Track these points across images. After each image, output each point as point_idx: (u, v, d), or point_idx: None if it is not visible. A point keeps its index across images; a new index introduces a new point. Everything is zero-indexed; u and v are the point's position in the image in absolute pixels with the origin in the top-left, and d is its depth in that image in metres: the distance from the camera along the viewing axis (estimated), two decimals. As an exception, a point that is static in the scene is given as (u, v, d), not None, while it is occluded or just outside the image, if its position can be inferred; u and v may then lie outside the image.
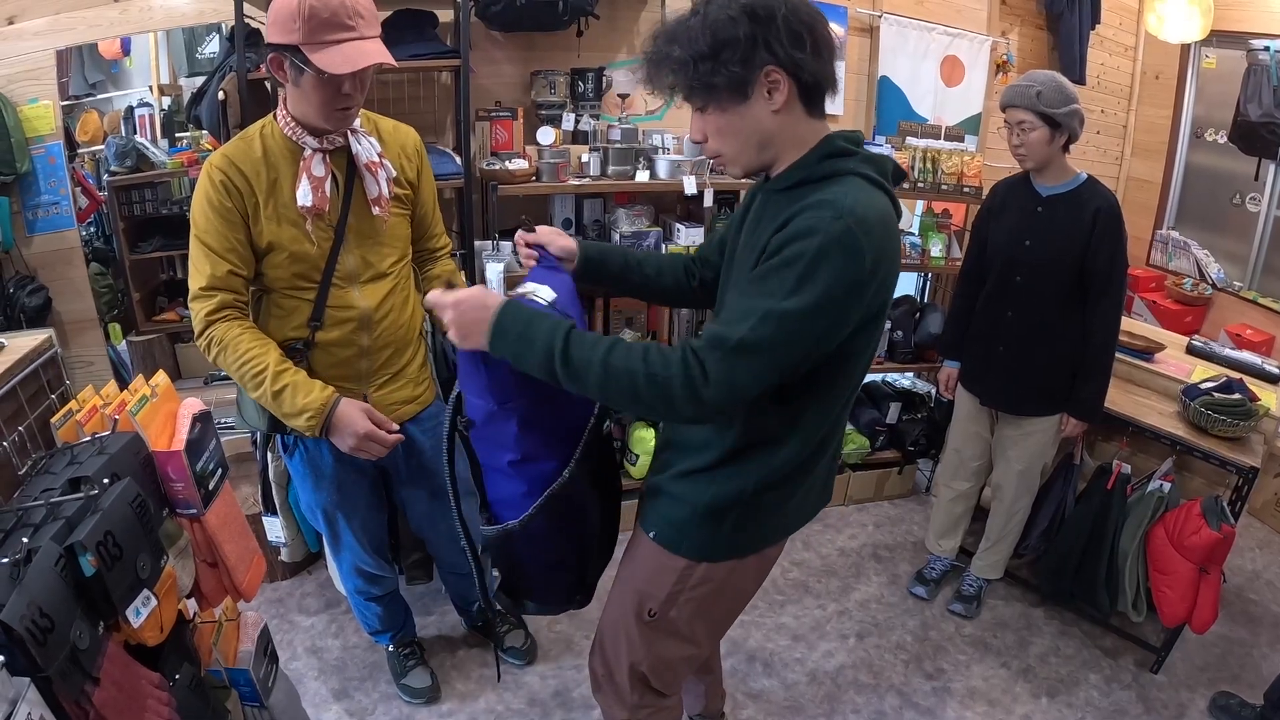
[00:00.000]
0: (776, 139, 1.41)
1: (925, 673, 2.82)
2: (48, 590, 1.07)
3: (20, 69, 3.04)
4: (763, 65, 1.32)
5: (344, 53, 1.70)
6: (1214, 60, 4.91)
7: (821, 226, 1.27)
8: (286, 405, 1.80)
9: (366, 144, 1.91)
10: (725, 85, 1.33)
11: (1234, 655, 2.94)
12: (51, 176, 3.13)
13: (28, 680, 1.04)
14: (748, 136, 1.40)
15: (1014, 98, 2.53)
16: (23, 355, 1.49)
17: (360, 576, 2.41)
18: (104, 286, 3.37)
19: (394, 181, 1.98)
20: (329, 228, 1.91)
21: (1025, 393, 2.78)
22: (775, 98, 1.35)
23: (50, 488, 1.27)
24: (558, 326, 1.36)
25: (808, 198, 1.34)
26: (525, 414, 1.48)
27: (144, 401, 1.39)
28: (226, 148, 1.87)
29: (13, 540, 1.17)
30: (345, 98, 1.77)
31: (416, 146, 2.10)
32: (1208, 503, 2.59)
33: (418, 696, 2.59)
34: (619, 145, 3.19)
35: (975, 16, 4.09)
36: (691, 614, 1.70)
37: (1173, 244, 5.24)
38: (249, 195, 1.84)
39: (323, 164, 1.86)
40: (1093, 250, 2.54)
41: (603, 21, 3.31)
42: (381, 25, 2.95)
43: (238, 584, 1.51)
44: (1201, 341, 3.28)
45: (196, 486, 1.40)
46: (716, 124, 1.40)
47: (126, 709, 1.18)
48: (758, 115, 1.37)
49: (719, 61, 1.31)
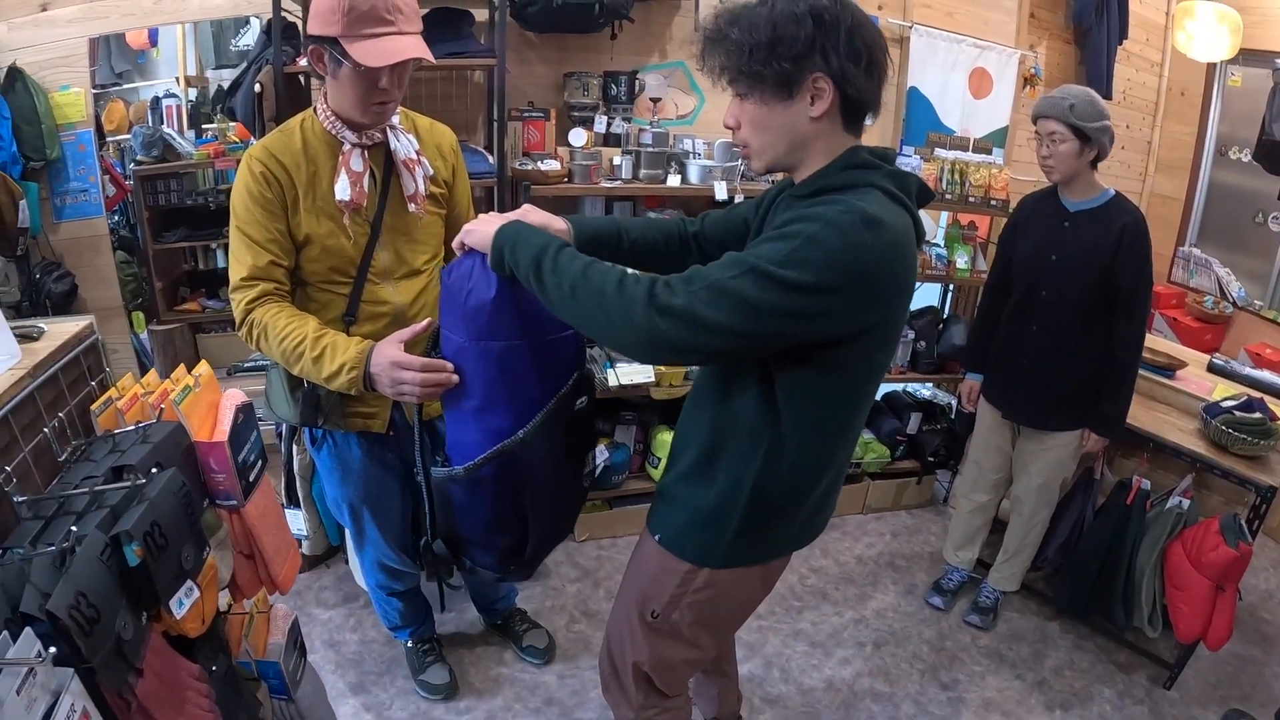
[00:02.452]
0: (808, 144, 1.41)
1: (940, 683, 2.81)
2: (94, 580, 1.07)
3: (52, 55, 3.06)
4: (813, 70, 1.32)
5: (381, 46, 1.70)
6: (1240, 78, 4.90)
7: (827, 214, 1.28)
8: (327, 367, 1.75)
9: (405, 141, 1.92)
10: (772, 79, 1.34)
11: (1247, 674, 2.93)
12: (81, 164, 3.14)
13: (71, 671, 1.04)
14: (780, 134, 1.40)
15: (1046, 108, 2.53)
16: (64, 341, 1.49)
17: (383, 571, 2.41)
18: (128, 275, 3.38)
19: (430, 180, 1.98)
20: (365, 223, 1.92)
21: (1048, 407, 2.77)
22: (817, 104, 1.35)
23: (92, 475, 1.27)
24: (555, 240, 1.41)
25: (822, 204, 1.35)
26: (494, 359, 1.50)
27: (187, 391, 1.39)
28: (266, 140, 1.88)
29: (56, 527, 1.17)
30: (382, 92, 1.77)
31: (453, 146, 2.10)
32: (1226, 520, 2.59)
33: (435, 693, 2.59)
34: (650, 149, 3.19)
35: (1004, 29, 4.08)
36: (694, 618, 1.70)
37: (1194, 261, 5.23)
38: (289, 187, 1.85)
39: (361, 159, 1.87)
40: (1118, 266, 2.53)
41: (636, 25, 3.32)
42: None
43: (274, 576, 1.51)
44: (1222, 360, 3.28)
45: (238, 477, 1.40)
46: (753, 114, 1.40)
47: (168, 700, 1.18)
48: (795, 116, 1.37)
49: (773, 55, 1.31)
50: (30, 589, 1.01)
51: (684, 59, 3.57)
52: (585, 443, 1.80)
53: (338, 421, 2.03)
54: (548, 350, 1.55)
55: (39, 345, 1.47)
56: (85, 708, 1.03)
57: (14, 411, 1.29)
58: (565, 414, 1.61)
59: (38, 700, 0.96)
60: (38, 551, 1.07)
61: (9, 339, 1.40)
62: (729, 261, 1.30)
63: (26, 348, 1.44)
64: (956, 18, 3.97)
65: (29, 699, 0.94)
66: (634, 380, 3.26)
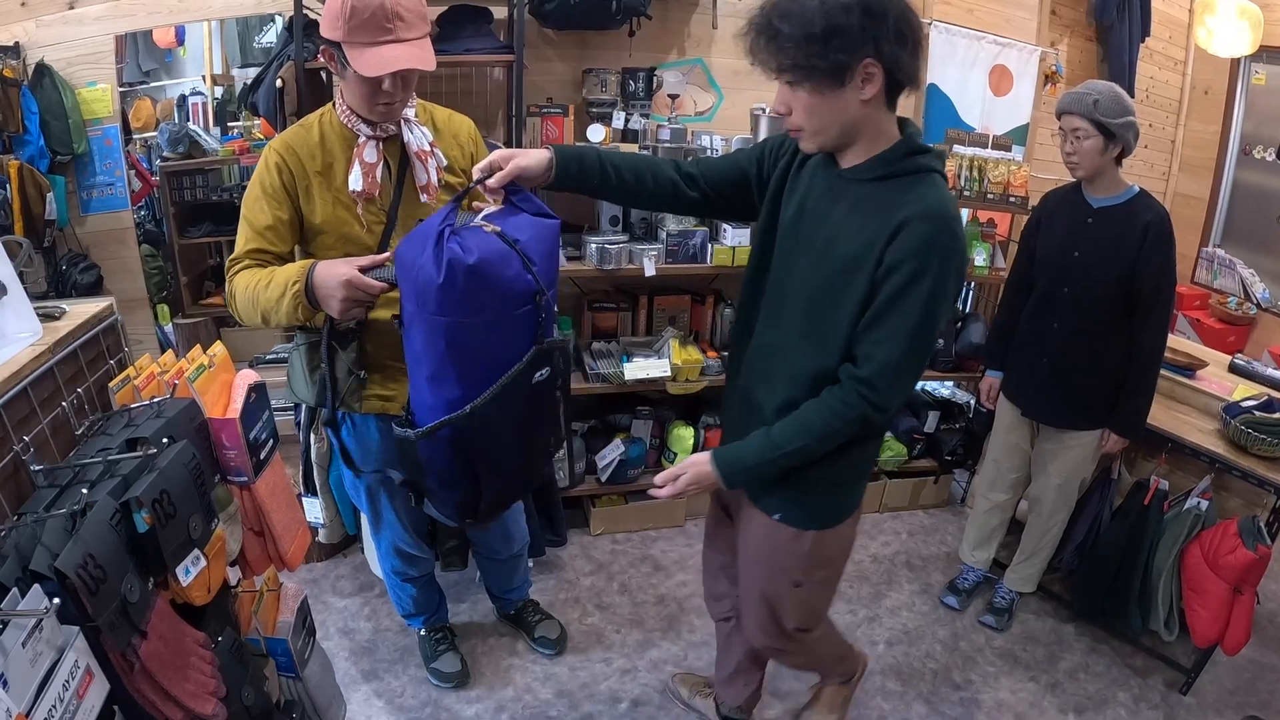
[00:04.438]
0: (859, 126, 1.52)
1: (953, 683, 2.79)
2: (102, 542, 1.10)
3: (80, 52, 3.12)
4: (864, 57, 1.41)
5: (379, 55, 1.75)
6: (1264, 76, 4.84)
7: (934, 247, 1.47)
8: (275, 289, 1.75)
9: (419, 133, 1.96)
10: (826, 69, 1.42)
11: (1264, 681, 2.89)
12: (107, 158, 3.21)
13: (76, 629, 1.07)
14: (833, 119, 1.50)
15: (1070, 104, 2.50)
16: (84, 320, 1.53)
17: (398, 556, 2.44)
18: (154, 268, 3.44)
19: (445, 170, 2.02)
20: (380, 212, 1.97)
21: (1068, 406, 2.75)
22: (867, 89, 1.45)
23: (107, 447, 1.31)
24: (762, 446, 1.66)
25: (904, 198, 1.50)
26: (442, 333, 1.53)
27: (201, 370, 1.43)
28: (286, 133, 1.96)
29: (70, 495, 1.20)
30: (386, 94, 1.82)
31: (471, 135, 2.13)
32: (1245, 523, 2.55)
33: (447, 681, 2.61)
34: (668, 145, 3.20)
35: (1025, 26, 4.06)
36: (827, 571, 1.96)
37: (1218, 262, 5.17)
38: (301, 177, 1.91)
39: (375, 151, 1.92)
40: (1142, 265, 2.51)
41: (654, 22, 3.34)
42: (438, 19, 2.99)
43: (283, 553, 1.53)
44: (1244, 360, 3.23)
45: (249, 454, 1.43)
46: (806, 102, 1.48)
47: (171, 664, 1.20)
48: (848, 102, 1.47)
49: (827, 46, 1.39)
50: (41, 549, 1.04)
51: (702, 56, 3.58)
52: (550, 410, 1.80)
53: (354, 404, 2.06)
54: (497, 329, 1.57)
55: (60, 324, 1.51)
56: (89, 665, 1.06)
57: (34, 385, 1.33)
58: (523, 387, 1.63)
59: (43, 655, 0.98)
60: (50, 514, 1.11)
61: (31, 317, 1.44)
62: (888, 335, 1.54)
63: (48, 326, 1.48)
64: (977, 15, 3.96)
65: (34, 653, 0.97)
66: (649, 375, 3.27)
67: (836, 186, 1.60)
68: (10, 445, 1.24)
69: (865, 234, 1.52)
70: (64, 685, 1.02)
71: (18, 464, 1.25)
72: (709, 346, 3.57)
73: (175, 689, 1.17)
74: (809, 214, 1.65)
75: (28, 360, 1.33)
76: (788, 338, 1.70)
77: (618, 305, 3.59)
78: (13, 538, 1.09)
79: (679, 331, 3.53)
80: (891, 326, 1.51)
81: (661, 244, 3.23)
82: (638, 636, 2.91)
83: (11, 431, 1.25)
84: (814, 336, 1.64)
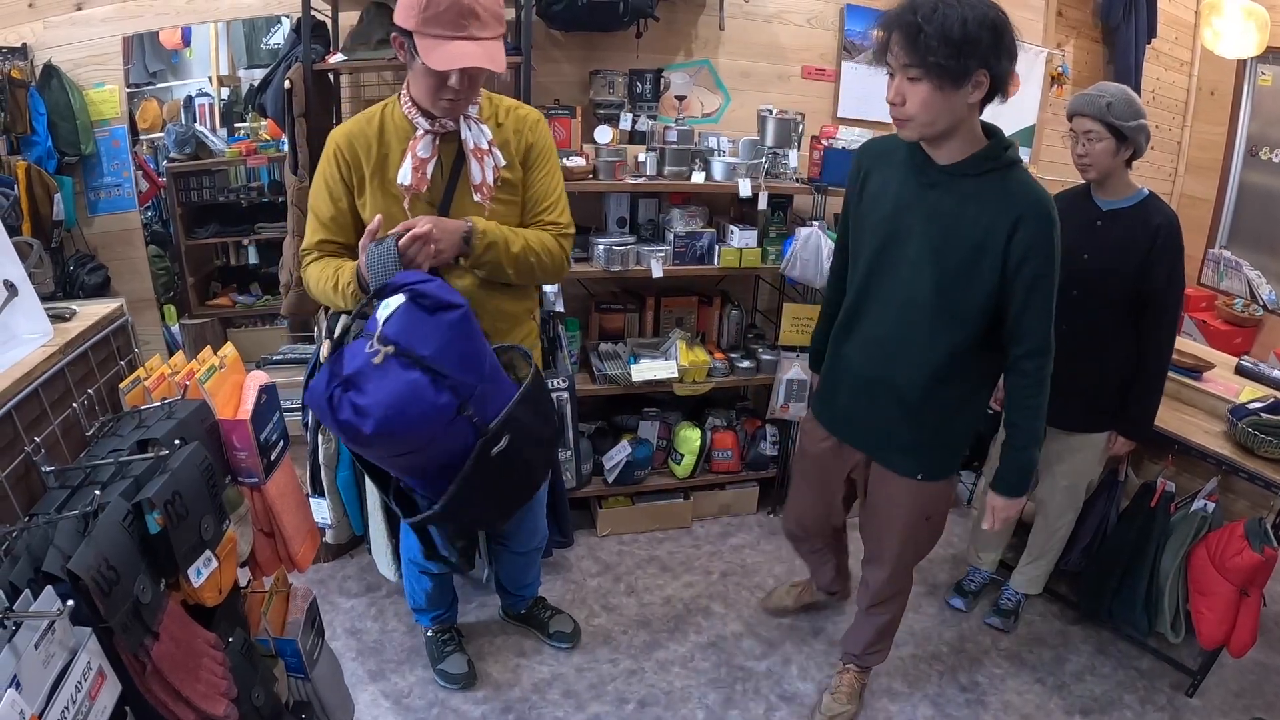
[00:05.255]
0: (960, 123, 1.80)
1: (960, 684, 2.79)
2: (114, 544, 1.10)
3: (87, 54, 3.14)
4: (981, 67, 1.69)
5: (448, 50, 1.75)
6: (1270, 78, 4.84)
7: (1053, 232, 1.85)
8: (339, 292, 1.91)
9: (477, 131, 1.95)
10: (953, 71, 1.68)
11: (1270, 683, 2.88)
12: (115, 159, 3.22)
13: (89, 630, 1.07)
14: (943, 113, 1.75)
15: (1083, 106, 2.49)
16: (95, 321, 1.52)
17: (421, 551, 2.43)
18: (160, 269, 3.45)
19: (504, 168, 2.01)
20: (430, 207, 1.97)
21: (1075, 408, 2.72)
22: (975, 94, 1.74)
23: (118, 449, 1.31)
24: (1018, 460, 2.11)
25: (1007, 192, 1.83)
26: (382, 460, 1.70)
27: (212, 371, 1.43)
28: (348, 122, 2.01)
29: (81, 496, 1.20)
30: (451, 90, 1.82)
31: (531, 124, 2.08)
32: (1251, 524, 2.54)
33: (454, 682, 2.61)
34: (675, 146, 3.20)
35: (1031, 28, 4.06)
36: (944, 511, 2.37)
37: (1224, 263, 5.16)
38: (356, 168, 1.95)
39: (430, 147, 1.93)
40: (1151, 267, 2.50)
41: (662, 24, 3.34)
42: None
43: (293, 554, 1.54)
44: (1251, 362, 3.23)
45: (259, 456, 1.43)
46: (924, 95, 1.73)
47: (183, 665, 1.20)
48: (958, 101, 1.74)
49: (960, 52, 1.65)
50: (54, 550, 1.04)
51: (709, 57, 3.58)
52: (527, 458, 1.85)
53: None
54: (434, 446, 1.62)
55: (70, 325, 1.51)
56: (101, 666, 1.06)
57: (45, 386, 1.33)
58: (485, 465, 1.67)
59: (55, 656, 0.99)
60: (62, 516, 1.11)
61: (42, 318, 1.44)
62: (1043, 314, 1.93)
63: (59, 327, 1.48)
64: (983, 16, 3.95)
65: (47, 654, 0.97)
66: (657, 376, 3.27)
67: (940, 182, 1.88)
68: (21, 446, 1.24)
69: (984, 222, 1.84)
70: (76, 686, 1.02)
71: (29, 465, 1.25)
72: (716, 348, 3.58)
73: (187, 690, 1.18)
74: (910, 209, 1.94)
75: (39, 361, 1.33)
76: (916, 320, 1.99)
77: (625, 306, 3.59)
78: (24, 539, 1.09)
79: (686, 333, 3.54)
80: (1038, 305, 1.89)
81: (669, 245, 3.23)
82: (644, 637, 2.91)
83: (23, 433, 1.25)
84: (946, 314, 1.95)
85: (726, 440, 3.58)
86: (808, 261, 3.13)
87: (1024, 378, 2.00)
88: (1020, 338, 1.95)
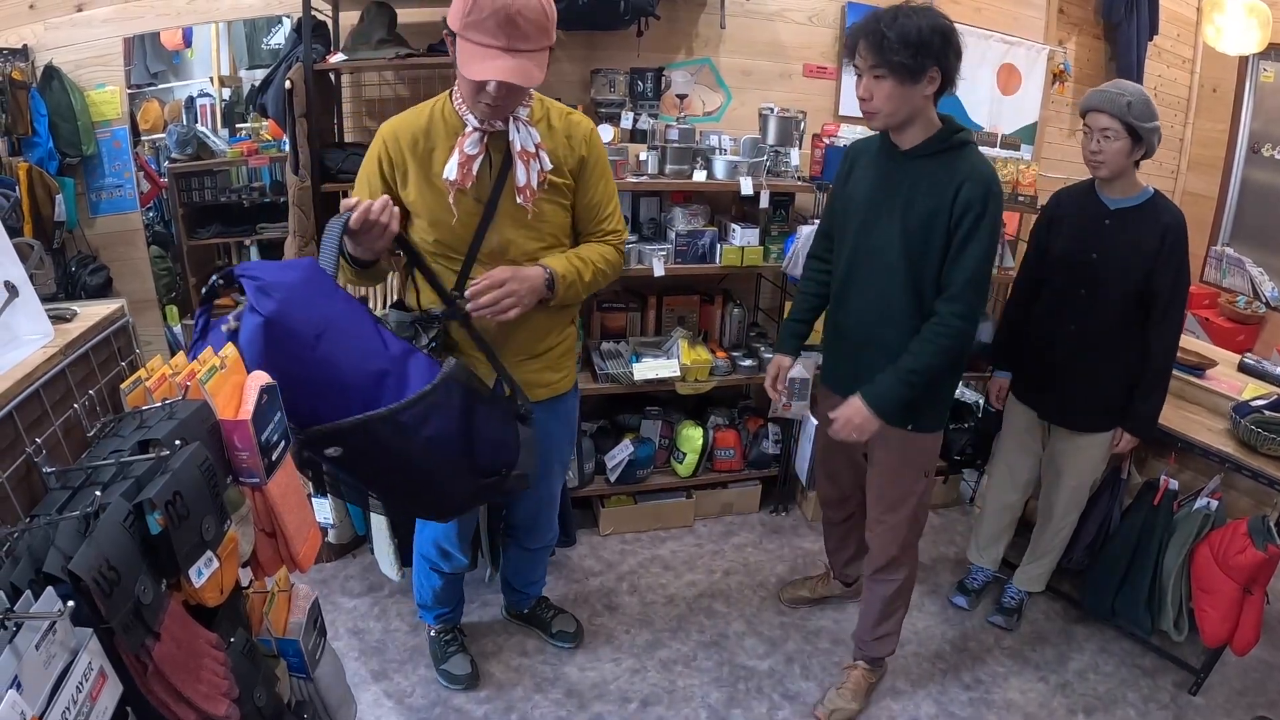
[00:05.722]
0: (918, 113, 2.11)
1: (963, 683, 2.79)
2: (115, 544, 1.09)
3: (88, 55, 3.14)
4: (933, 65, 2.02)
5: (482, 60, 1.75)
6: (1272, 74, 4.83)
7: (989, 197, 2.08)
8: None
9: (525, 133, 1.95)
10: (911, 69, 2.00)
11: (1274, 681, 2.88)
12: (116, 160, 3.22)
13: (90, 631, 1.07)
14: (904, 105, 2.07)
15: (1102, 103, 2.47)
16: (95, 322, 1.52)
17: (435, 549, 2.44)
18: (162, 269, 3.45)
19: (551, 173, 2.00)
20: (477, 204, 1.97)
21: (1084, 407, 2.73)
22: (929, 87, 2.06)
23: (119, 449, 1.31)
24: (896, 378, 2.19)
25: (954, 166, 2.11)
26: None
27: (213, 371, 1.42)
28: (400, 115, 2.02)
29: (82, 496, 1.20)
30: (488, 96, 1.82)
31: (586, 135, 2.09)
32: (1254, 522, 2.54)
33: (457, 683, 2.61)
34: (677, 144, 3.20)
35: (1033, 25, 4.06)
36: (933, 471, 2.50)
37: (1227, 260, 5.15)
38: (400, 162, 1.97)
39: (478, 144, 1.92)
40: (1159, 266, 2.50)
41: (663, 23, 3.34)
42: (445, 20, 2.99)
43: (294, 554, 1.53)
44: (1254, 359, 3.22)
45: (261, 456, 1.42)
46: (887, 91, 2.05)
47: (184, 665, 1.20)
48: (915, 94, 2.06)
49: (917, 53, 1.98)
50: (54, 551, 1.04)
51: (710, 56, 3.58)
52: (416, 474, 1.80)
53: None
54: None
55: (71, 326, 1.51)
56: (102, 667, 1.06)
57: (45, 387, 1.32)
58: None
59: (56, 657, 0.98)
60: (63, 516, 1.11)
61: (43, 318, 1.44)
62: (967, 263, 2.12)
63: (59, 328, 1.48)
64: (985, 13, 3.96)
65: (47, 655, 0.97)
66: (658, 375, 3.27)
67: (902, 164, 2.18)
68: (23, 447, 1.24)
69: (936, 192, 2.11)
70: (77, 687, 1.02)
71: (30, 466, 1.25)
72: (718, 346, 3.58)
73: (188, 690, 1.17)
74: (881, 188, 2.23)
75: (40, 362, 1.33)
76: (893, 284, 2.22)
77: (626, 305, 3.59)
78: (25, 540, 1.09)
79: (688, 332, 3.54)
80: (966, 259, 2.11)
81: (670, 244, 3.23)
82: (647, 636, 2.91)
83: (24, 433, 1.25)
84: (914, 274, 2.19)
85: (729, 439, 3.58)
86: (809, 260, 3.13)
87: (936, 320, 2.17)
88: (946, 284, 2.16)
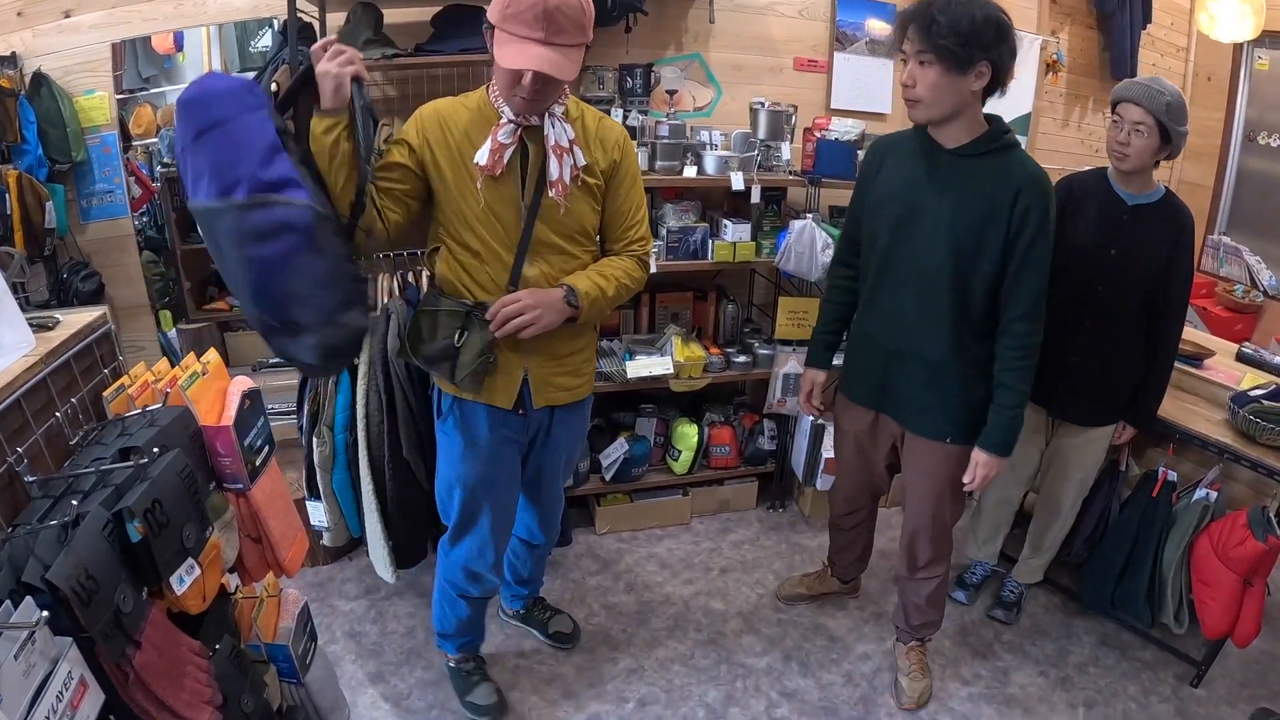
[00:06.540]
0: (963, 108, 2.03)
1: (963, 678, 2.78)
2: (94, 553, 1.09)
3: (77, 61, 3.13)
4: (984, 59, 1.93)
5: (518, 50, 1.76)
6: (1267, 62, 4.82)
7: (1049, 202, 2.05)
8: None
9: (560, 128, 1.95)
10: (959, 57, 1.92)
11: (1275, 672, 2.88)
12: (106, 165, 3.21)
13: (70, 640, 1.07)
14: (948, 97, 1.99)
15: (1142, 97, 2.41)
16: (77, 330, 1.52)
17: (465, 573, 2.35)
18: (156, 274, 3.44)
19: (584, 170, 2.01)
20: (512, 194, 1.97)
21: (1095, 404, 2.71)
22: (977, 82, 1.97)
23: (101, 457, 1.30)
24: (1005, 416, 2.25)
25: (1007, 168, 2.05)
26: None
27: (195, 377, 1.42)
28: (441, 100, 2.04)
29: (64, 506, 1.20)
30: (524, 89, 1.81)
31: (618, 141, 2.09)
32: (1254, 513, 2.53)
33: (484, 714, 2.49)
34: (667, 141, 3.17)
35: (1025, 15, 4.04)
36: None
37: (1224, 249, 5.14)
38: (424, 147, 1.96)
39: (511, 134, 1.92)
40: (1173, 264, 2.51)
41: (651, 18, 3.33)
42: (432, 20, 2.98)
43: (280, 560, 1.53)
44: (1252, 349, 3.21)
45: (244, 462, 1.42)
46: (933, 79, 1.97)
47: (166, 673, 1.20)
48: (962, 87, 1.98)
49: (967, 42, 1.90)
50: (33, 560, 1.04)
51: (699, 51, 3.57)
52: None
53: (474, 387, 2.03)
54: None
55: (53, 334, 1.51)
56: (82, 675, 1.06)
57: (27, 396, 1.32)
58: None
59: (36, 666, 0.98)
60: (42, 526, 1.10)
61: (24, 327, 1.43)
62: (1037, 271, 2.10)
63: (41, 336, 1.48)
64: (977, 5, 3.93)
65: (27, 664, 0.96)
66: (652, 373, 3.26)
67: (948, 162, 2.10)
68: (4, 457, 1.24)
69: (989, 194, 2.04)
70: (57, 696, 1.02)
71: (12, 475, 1.25)
72: (712, 343, 3.57)
73: (170, 698, 1.17)
74: (923, 188, 2.14)
75: (20, 371, 1.33)
76: (933, 289, 2.17)
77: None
78: (6, 550, 1.09)
79: (681, 328, 3.53)
80: (1032, 269, 2.08)
81: (662, 241, 3.21)
82: (644, 635, 2.91)
83: (4, 443, 1.24)
84: (960, 280, 2.13)
85: (724, 436, 3.57)
86: (802, 254, 3.11)
87: (1016, 340, 2.16)
88: (1015, 300, 2.13)
